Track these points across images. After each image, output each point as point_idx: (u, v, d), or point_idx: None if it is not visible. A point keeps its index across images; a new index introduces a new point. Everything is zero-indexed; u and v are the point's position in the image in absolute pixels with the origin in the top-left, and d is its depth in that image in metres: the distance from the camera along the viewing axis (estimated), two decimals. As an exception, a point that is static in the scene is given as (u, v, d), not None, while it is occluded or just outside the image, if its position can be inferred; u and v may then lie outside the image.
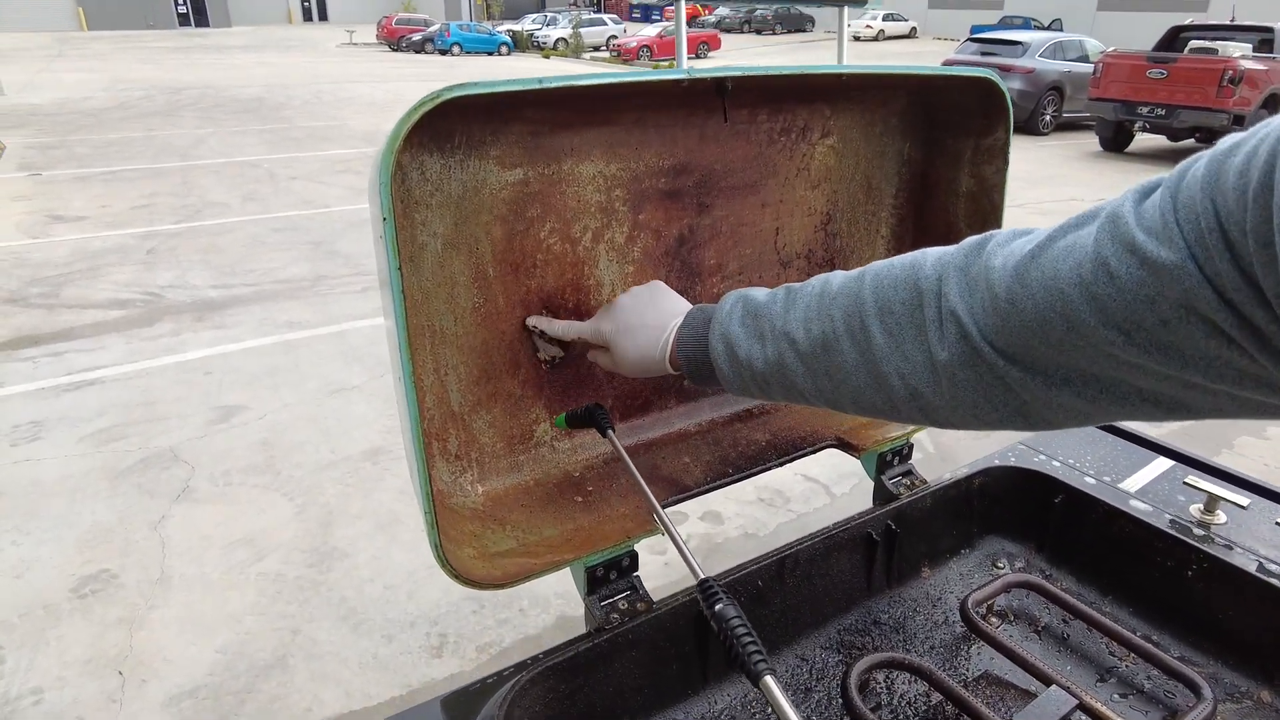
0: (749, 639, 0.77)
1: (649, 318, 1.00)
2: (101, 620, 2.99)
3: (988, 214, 1.49)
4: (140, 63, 27.22)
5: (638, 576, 1.19)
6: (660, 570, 3.23)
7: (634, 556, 1.18)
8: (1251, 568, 1.32)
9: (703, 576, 0.88)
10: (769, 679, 0.73)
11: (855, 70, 1.19)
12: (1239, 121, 11.67)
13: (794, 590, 1.33)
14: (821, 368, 0.76)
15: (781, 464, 1.39)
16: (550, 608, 3.07)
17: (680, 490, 1.29)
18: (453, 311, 1.15)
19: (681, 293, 1.38)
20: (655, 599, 1.19)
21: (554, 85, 0.92)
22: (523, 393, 1.25)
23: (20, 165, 10.73)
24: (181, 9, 51.25)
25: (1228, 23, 13.46)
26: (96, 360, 5.13)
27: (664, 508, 1.21)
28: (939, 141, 1.53)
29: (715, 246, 1.40)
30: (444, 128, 1.06)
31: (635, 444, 1.38)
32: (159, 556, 3.35)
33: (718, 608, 0.82)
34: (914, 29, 41.39)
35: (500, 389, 1.23)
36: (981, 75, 1.33)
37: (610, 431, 1.14)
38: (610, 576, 1.16)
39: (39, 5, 45.32)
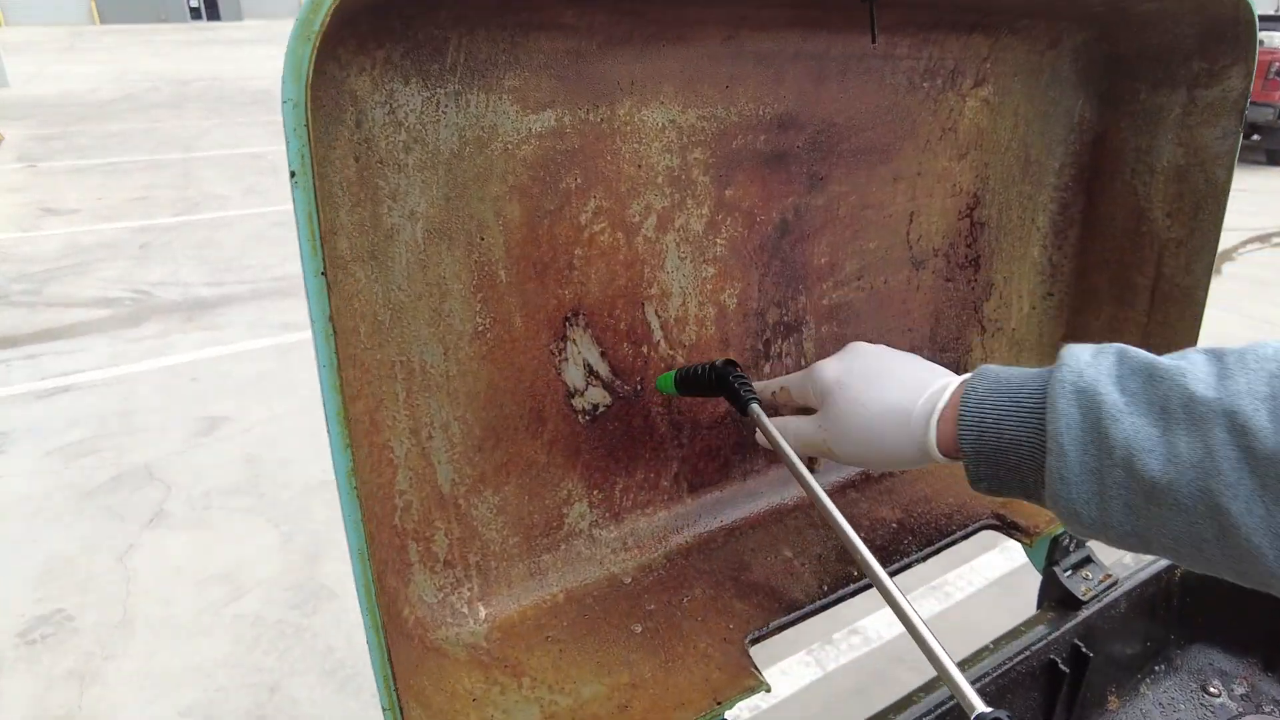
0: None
1: (897, 368, 0.67)
2: (49, 673, 2.58)
3: (1203, 198, 1.05)
4: (150, 55, 26.94)
5: (733, 762, 0.76)
6: None
7: (728, 733, 0.75)
8: None
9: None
10: None
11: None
12: (1286, 116, 11.13)
13: (953, 753, 0.89)
14: None
15: (925, 557, 0.95)
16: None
17: (784, 607, 0.85)
18: (441, 339, 0.72)
19: (778, 305, 0.95)
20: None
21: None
22: (549, 459, 0.82)
23: (18, 156, 10.38)
24: (193, 3, 51.08)
25: (1274, 13, 12.89)
26: (75, 364, 4.73)
27: (759, 640, 0.78)
28: (1129, 97, 1.09)
29: (829, 238, 0.96)
30: (429, 35, 0.63)
31: (712, 530, 0.94)
32: (122, 594, 2.94)
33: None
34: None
35: (515, 456, 0.80)
36: (1225, -12, 0.89)
37: (755, 407, 0.73)
38: (690, 766, 0.73)
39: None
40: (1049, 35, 1.05)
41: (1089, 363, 0.53)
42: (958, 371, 0.66)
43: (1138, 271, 1.14)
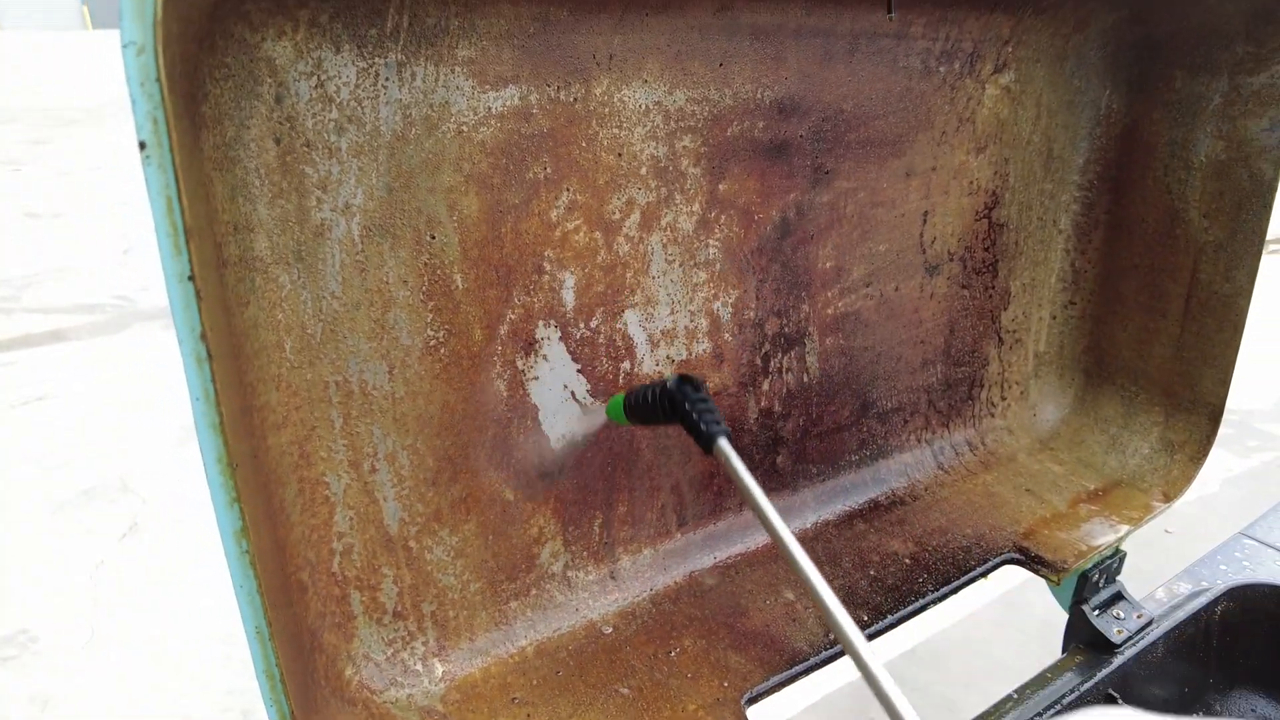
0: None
1: None
2: (9, 697, 2.46)
3: (1247, 195, 0.95)
4: (142, 61, 26.77)
5: None
6: None
7: (722, 817, 0.64)
8: None
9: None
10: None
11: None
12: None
13: (977, 825, 0.78)
14: None
15: (943, 597, 0.84)
16: None
17: (787, 659, 0.74)
18: (384, 355, 0.61)
19: (778, 315, 0.84)
20: None
21: None
22: (515, 494, 0.71)
23: (3, 161, 10.24)
24: (187, 9, 50.96)
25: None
26: (54, 372, 4.60)
27: (757, 699, 0.68)
28: (1162, 85, 0.99)
29: (834, 239, 0.86)
30: (362, -6, 0.52)
31: (706, 568, 0.84)
32: (90, 612, 2.82)
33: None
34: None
35: (476, 490, 0.69)
36: (1279, -39, 0.79)
37: (723, 441, 0.55)
38: None
39: (44, 4, 45.08)
40: (1076, 16, 0.95)
41: None
42: (971, 389, 0.53)
43: (1170, 278, 1.04)
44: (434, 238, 0.61)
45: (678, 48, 0.68)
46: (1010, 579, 2.94)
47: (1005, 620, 2.75)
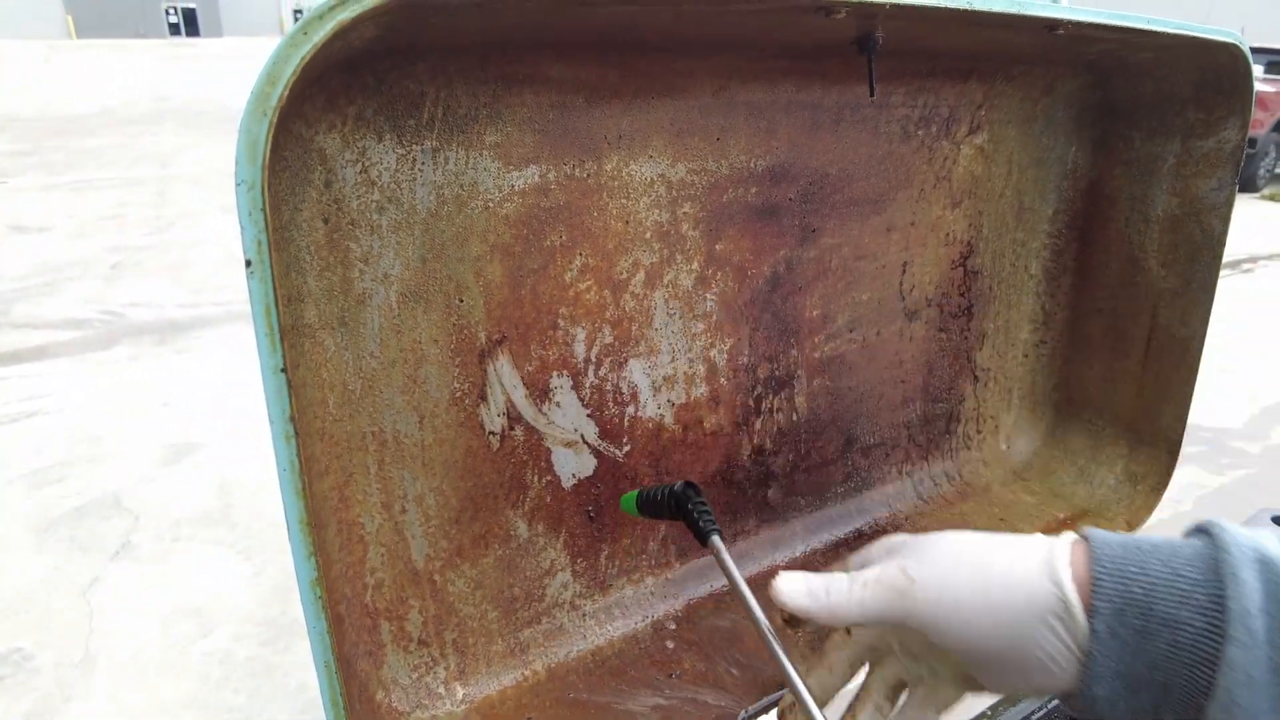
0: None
1: (984, 539, 0.52)
2: (4, 716, 2.47)
3: (1198, 248, 1.03)
4: (127, 71, 26.70)
5: None
6: None
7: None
8: None
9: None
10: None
11: (1079, 18, 0.74)
12: (1251, 144, 11.38)
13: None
14: None
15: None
16: None
17: (780, 682, 0.81)
18: (416, 406, 0.67)
19: (769, 360, 0.91)
20: None
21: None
22: (531, 530, 0.78)
23: (-11, 172, 10.20)
24: (173, 19, 50.81)
25: (1237, 44, 13.19)
26: (42, 388, 4.61)
27: (756, 714, 0.74)
28: (1123, 144, 1.07)
29: (821, 290, 0.93)
30: (405, 90, 0.59)
31: (704, 596, 0.90)
32: (84, 631, 2.84)
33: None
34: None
35: (494, 527, 0.75)
36: (1221, 39, 0.88)
37: (716, 538, 0.64)
38: None
39: (28, 12, 44.84)
40: (1044, 82, 1.03)
41: (1248, 531, 0.42)
42: (949, 424, 0.60)
43: (1132, 321, 1.11)
44: (462, 301, 0.68)
45: (680, 126, 0.75)
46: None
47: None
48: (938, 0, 0.61)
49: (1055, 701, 0.94)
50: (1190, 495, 3.81)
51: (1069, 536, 0.49)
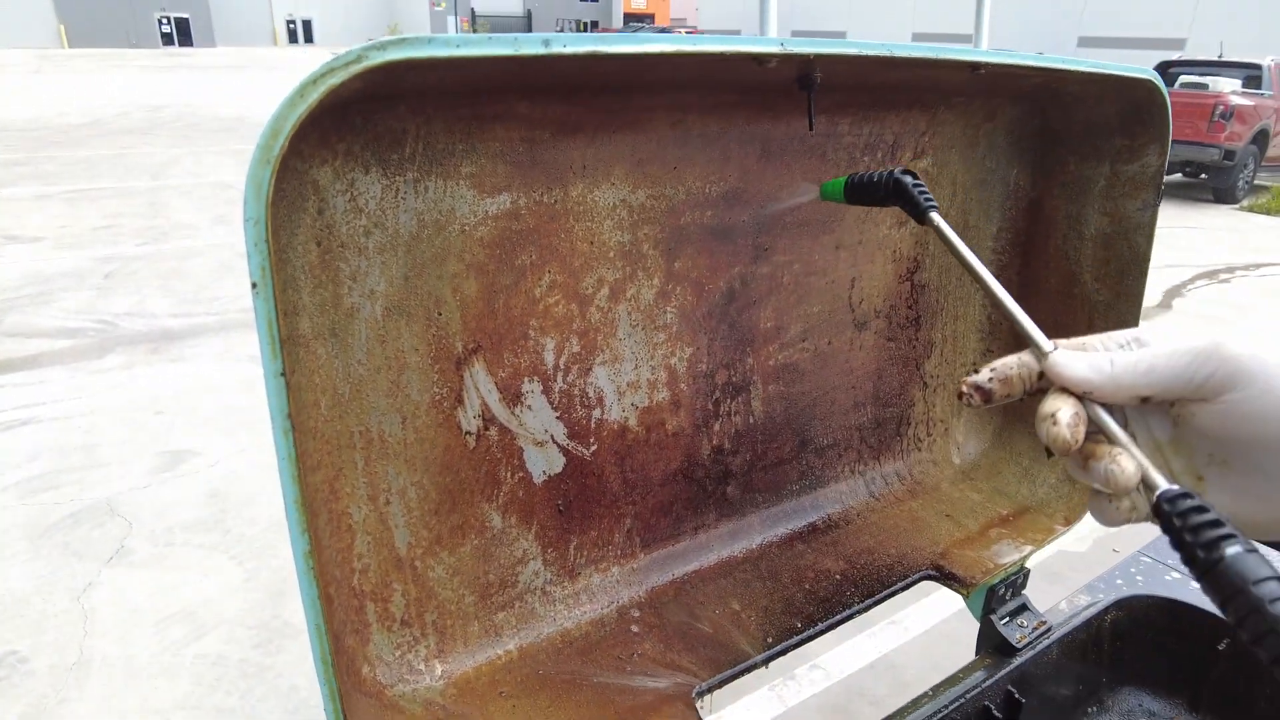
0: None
1: None
2: (0, 717, 2.52)
3: (1127, 264, 1.12)
4: (119, 80, 26.75)
5: (679, 815, 0.79)
6: None
7: (673, 786, 0.78)
8: None
9: (1169, 488, 0.43)
10: None
11: (993, 60, 0.82)
12: (1230, 156, 11.56)
13: (892, 801, 0.93)
14: None
15: (867, 607, 0.99)
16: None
17: (731, 660, 0.89)
18: (399, 409, 0.75)
19: (726, 367, 0.99)
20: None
21: (570, 52, 0.53)
22: (505, 521, 0.85)
23: (-20, 182, 10.23)
24: (165, 28, 50.85)
25: (1216, 59, 13.41)
26: (36, 396, 4.66)
27: (706, 692, 0.82)
28: (1059, 168, 1.16)
29: (774, 303, 1.01)
30: (388, 127, 0.67)
31: (664, 583, 0.98)
32: (79, 634, 2.89)
33: (1230, 554, 0.41)
34: (899, 61, 41.55)
35: (471, 518, 0.83)
36: (1140, 75, 0.96)
37: (935, 214, 0.69)
38: (638, 819, 0.76)
39: (19, 21, 44.80)
40: (984, 110, 1.12)
41: None
42: (899, 427, 0.63)
43: (1071, 331, 1.19)
44: (440, 314, 0.76)
45: (639, 156, 0.83)
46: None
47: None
48: (860, 50, 0.69)
49: (989, 681, 1.02)
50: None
51: None
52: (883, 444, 1.20)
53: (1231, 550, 0.40)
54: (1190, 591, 1.19)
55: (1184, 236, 9.76)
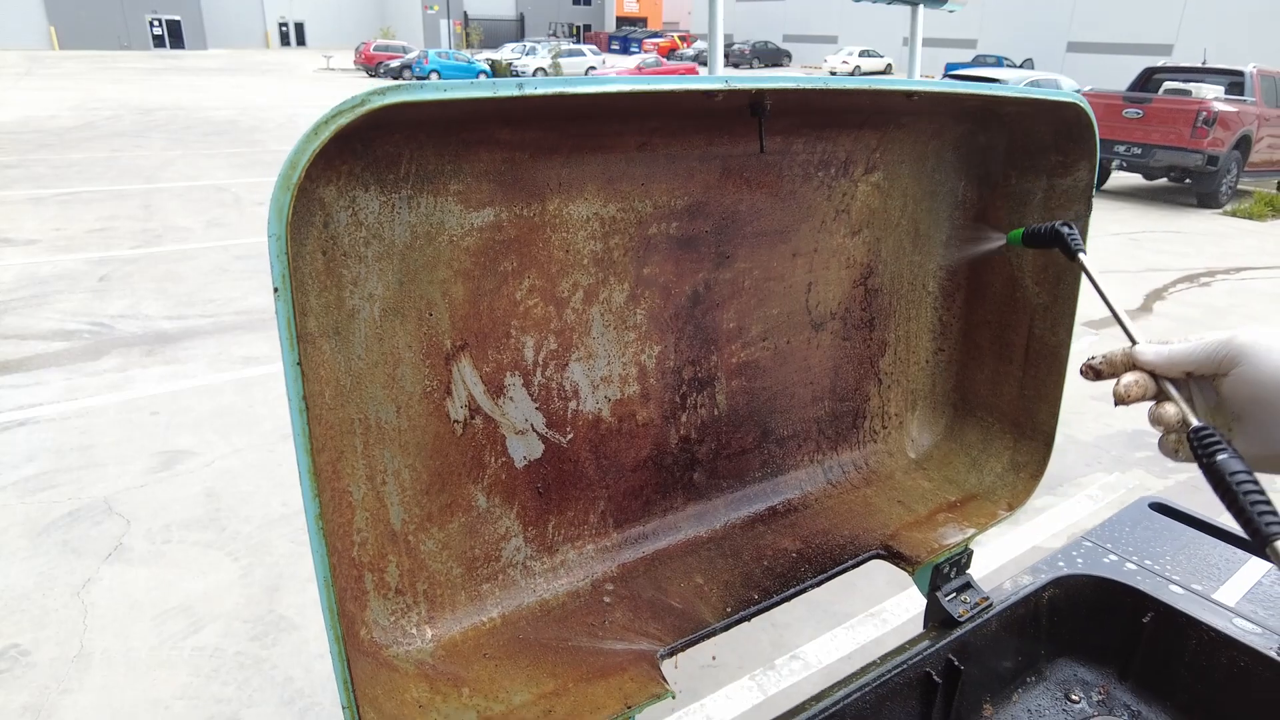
0: (1260, 498, 0.62)
1: None
2: (3, 708, 2.60)
3: (1063, 270, 1.22)
4: (111, 83, 26.72)
5: (641, 760, 0.88)
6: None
7: (636, 733, 0.87)
8: (1405, 718, 1.04)
9: (1195, 423, 0.68)
10: None
11: (927, 88, 0.92)
12: (1213, 162, 11.73)
13: (839, 755, 1.03)
14: None
15: (819, 582, 1.09)
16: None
17: (693, 627, 0.99)
18: (394, 399, 0.85)
19: (692, 363, 1.09)
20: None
21: (539, 93, 0.63)
22: (489, 502, 0.95)
23: (-27, 185, 10.25)
24: (157, 30, 50.75)
25: (1199, 65, 13.61)
26: (31, 398, 4.72)
27: (670, 655, 0.91)
28: (1002, 181, 1.26)
29: (736, 306, 1.11)
30: (385, 152, 0.77)
31: (634, 559, 1.08)
32: (79, 628, 2.96)
33: (1219, 458, 0.65)
34: (889, 66, 42.02)
35: (458, 498, 0.93)
36: (1068, 100, 1.07)
37: (1081, 256, 0.95)
38: (604, 762, 0.85)
39: (9, 23, 44.64)
40: (932, 127, 1.22)
41: None
42: (855, 420, 0.76)
43: (1014, 331, 1.30)
44: (431, 315, 0.85)
45: (610, 174, 0.93)
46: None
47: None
48: (798, 83, 0.79)
49: (931, 650, 1.12)
50: (1135, 496, 4.02)
51: None
52: (840, 435, 1.30)
53: (1221, 456, 0.63)
54: (1122, 571, 1.30)
55: (1167, 241, 9.92)
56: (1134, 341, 0.75)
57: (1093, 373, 0.77)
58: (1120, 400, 0.72)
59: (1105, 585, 1.27)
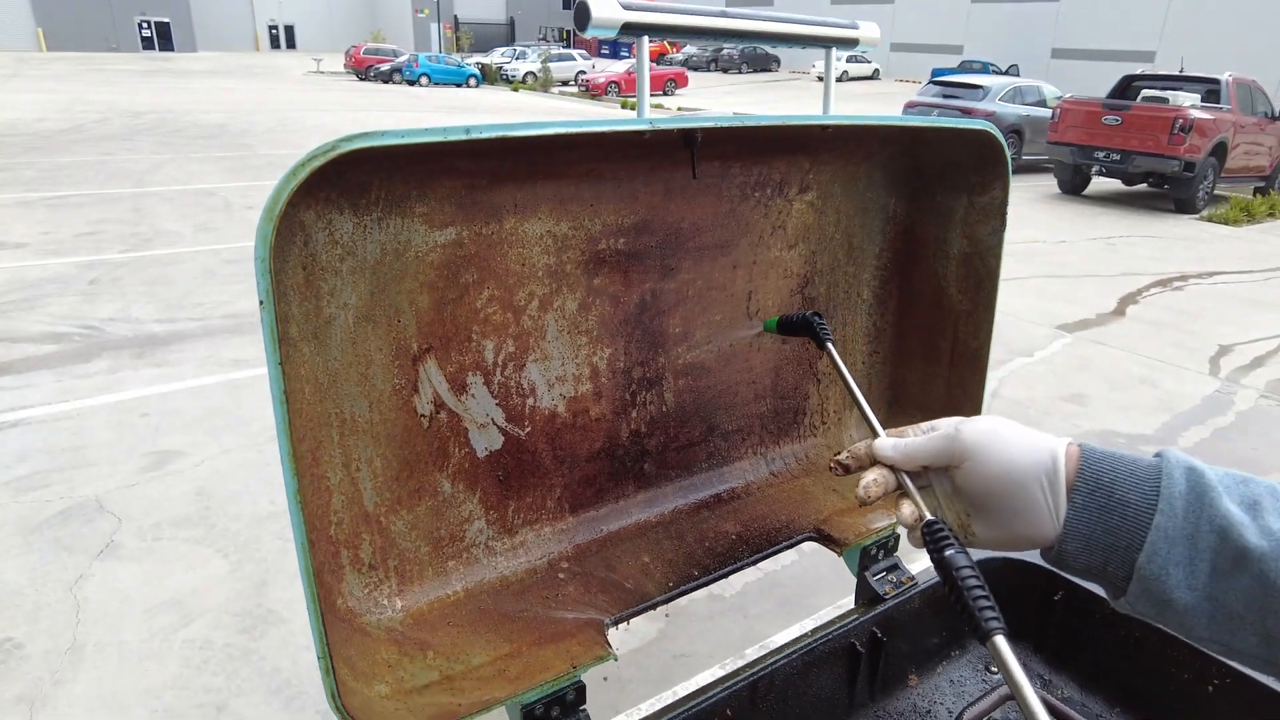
0: (982, 593, 0.64)
1: (1016, 431, 0.70)
2: (-1, 699, 2.69)
3: (982, 279, 1.35)
4: (100, 85, 26.69)
5: (585, 713, 1.00)
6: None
7: (580, 689, 0.99)
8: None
9: (929, 518, 0.70)
10: (999, 639, 0.62)
11: (841, 122, 1.05)
12: (1189, 168, 11.94)
13: (769, 714, 1.15)
14: None
15: (754, 561, 1.21)
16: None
17: (637, 599, 1.10)
18: (366, 395, 0.96)
19: (641, 364, 1.21)
20: (599, 707, 1.00)
21: (486, 136, 0.75)
22: (453, 488, 1.07)
23: (-39, 188, 10.28)
24: (146, 32, 50.62)
25: (1177, 73, 13.85)
26: (22, 399, 4.80)
27: (615, 624, 1.03)
28: (928, 198, 1.39)
29: (681, 313, 1.23)
30: (357, 180, 0.88)
31: (588, 541, 1.19)
32: (72, 622, 3.06)
33: (947, 554, 0.67)
34: (876, 71, 42.34)
35: (425, 484, 1.04)
36: (979, 128, 1.19)
37: (830, 344, 1.01)
38: (552, 714, 0.97)
39: (-2, 25, 44.45)
40: (862, 151, 1.34)
41: (1190, 458, 0.62)
42: (796, 416, 0.84)
43: (940, 336, 1.43)
44: (399, 321, 0.97)
45: (561, 196, 1.05)
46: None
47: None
48: (716, 122, 0.91)
49: (857, 623, 1.24)
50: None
51: (1068, 440, 0.68)
52: (781, 430, 1.42)
53: (949, 551, 0.66)
54: (1035, 555, 1.42)
55: (1143, 245, 10.11)
56: (876, 434, 0.78)
57: (841, 468, 0.79)
58: (864, 501, 0.73)
59: (1021, 567, 1.40)
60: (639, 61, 0.95)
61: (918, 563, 1.42)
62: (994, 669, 1.37)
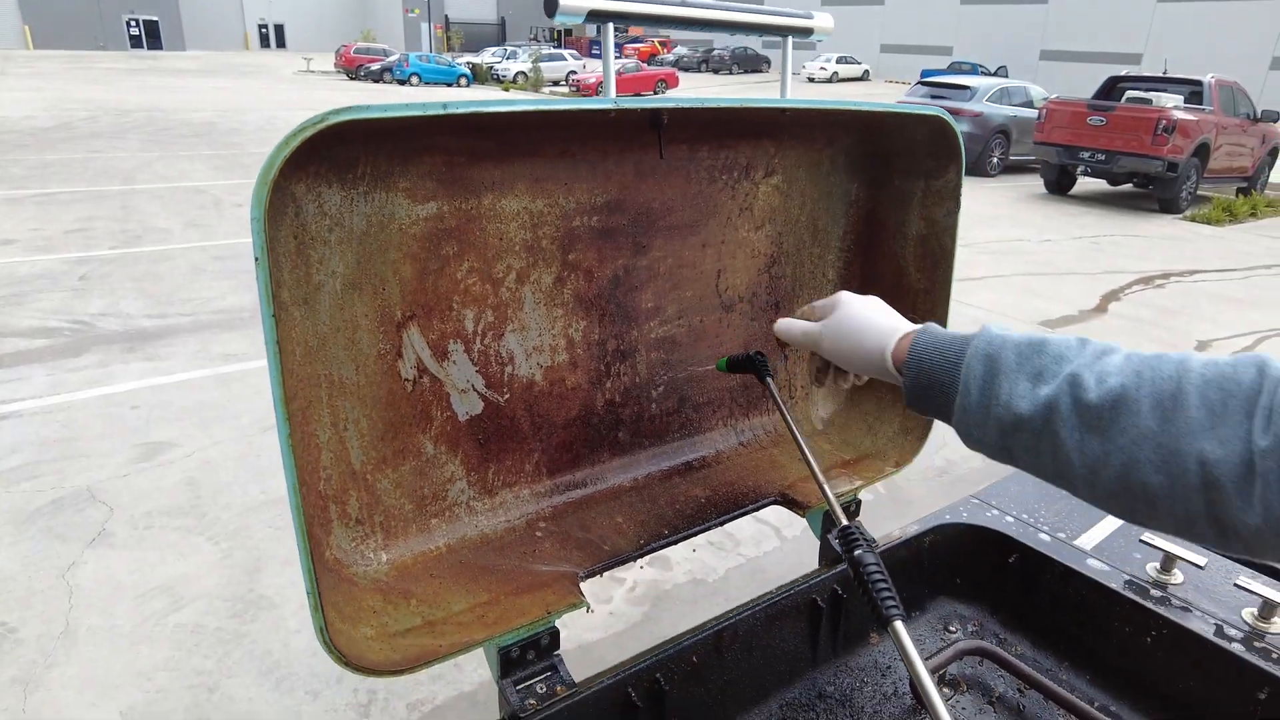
0: (884, 586, 0.82)
1: (877, 315, 0.95)
2: (-7, 680, 2.74)
3: (938, 258, 1.42)
4: (87, 83, 26.58)
5: (559, 656, 1.07)
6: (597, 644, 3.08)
7: (554, 635, 1.06)
8: (1209, 632, 1.25)
9: (844, 523, 0.92)
10: (898, 624, 0.79)
11: (798, 105, 1.12)
12: (1172, 168, 12.10)
13: (734, 664, 1.22)
14: (1099, 427, 0.67)
15: (722, 523, 1.28)
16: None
17: (610, 555, 1.17)
18: (353, 359, 1.03)
19: (615, 337, 1.28)
20: (579, 678, 1.07)
21: (461, 111, 0.82)
22: (435, 449, 1.13)
23: (-51, 186, 10.26)
24: (134, 30, 50.39)
25: (1161, 75, 14.02)
26: (13, 393, 4.83)
27: (589, 577, 1.10)
28: (887, 182, 1.46)
29: (653, 289, 1.30)
30: (345, 156, 0.95)
31: (564, 503, 1.26)
32: (64, 607, 3.10)
33: (856, 553, 0.86)
34: (866, 72, 42.57)
35: (409, 445, 1.11)
36: (932, 114, 1.27)
37: (770, 380, 1.13)
38: (527, 657, 1.04)
39: (-16, 23, 44.16)
40: (825, 137, 1.42)
41: (998, 336, 0.77)
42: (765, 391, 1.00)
43: (901, 312, 1.50)
44: (384, 289, 1.03)
45: (537, 175, 1.11)
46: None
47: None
48: (678, 103, 0.99)
49: (818, 580, 1.31)
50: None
51: (910, 327, 0.91)
52: (751, 403, 1.49)
53: (858, 551, 0.88)
54: (992, 518, 1.50)
55: (1126, 244, 10.25)
56: (812, 471, 1.10)
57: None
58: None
59: (978, 532, 1.48)
60: (604, 46, 1.02)
61: (881, 527, 1.49)
62: (952, 629, 1.44)
